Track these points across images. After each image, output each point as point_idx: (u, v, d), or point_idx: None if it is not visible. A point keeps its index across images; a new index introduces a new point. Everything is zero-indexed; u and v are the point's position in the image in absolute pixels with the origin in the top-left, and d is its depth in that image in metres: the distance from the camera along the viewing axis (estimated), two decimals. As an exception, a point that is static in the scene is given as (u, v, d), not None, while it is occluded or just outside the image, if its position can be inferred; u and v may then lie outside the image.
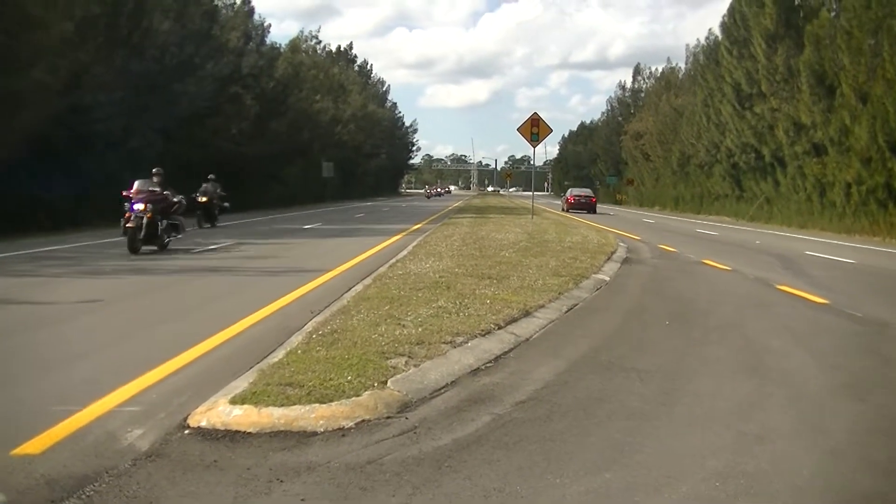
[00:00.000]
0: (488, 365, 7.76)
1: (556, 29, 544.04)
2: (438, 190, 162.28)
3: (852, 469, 5.29)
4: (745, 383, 7.41)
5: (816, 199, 42.35)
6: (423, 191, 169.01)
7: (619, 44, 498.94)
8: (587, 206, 59.05)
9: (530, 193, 51.67)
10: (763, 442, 5.70)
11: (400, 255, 17.51)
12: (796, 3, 45.69)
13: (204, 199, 29.98)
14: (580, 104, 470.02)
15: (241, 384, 6.51)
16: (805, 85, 41.47)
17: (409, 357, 7.38)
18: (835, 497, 4.92)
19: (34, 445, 5.35)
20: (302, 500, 4.60)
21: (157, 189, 19.65)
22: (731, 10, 52.24)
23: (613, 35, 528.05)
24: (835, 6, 42.10)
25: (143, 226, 18.55)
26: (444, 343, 8.00)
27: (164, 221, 19.35)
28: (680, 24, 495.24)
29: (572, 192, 57.62)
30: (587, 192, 63.89)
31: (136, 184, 19.82)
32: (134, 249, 18.31)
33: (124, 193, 19.58)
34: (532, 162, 43.70)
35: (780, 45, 45.08)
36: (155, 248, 19.08)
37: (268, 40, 62.87)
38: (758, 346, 9.33)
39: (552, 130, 35.99)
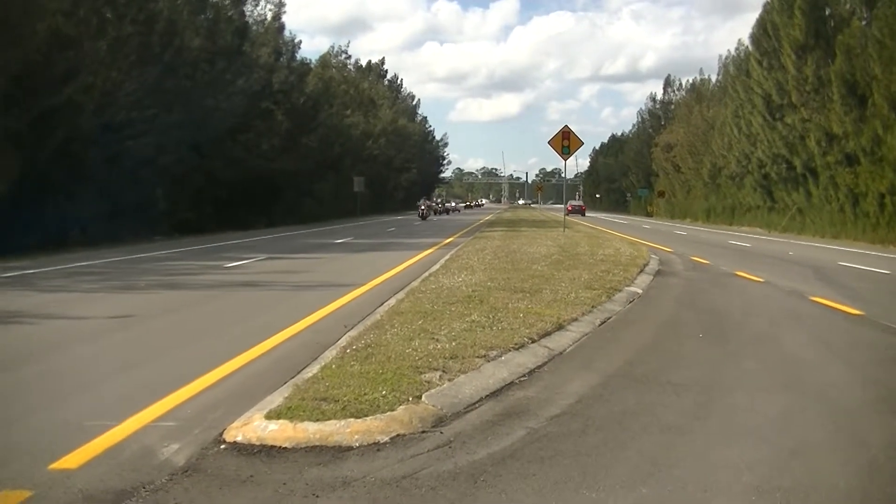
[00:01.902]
0: (522, 379, 7.75)
1: (587, 42, 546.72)
2: (454, 204, 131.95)
3: (890, 482, 5.25)
4: (781, 396, 7.36)
5: (849, 209, 42.05)
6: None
7: (651, 56, 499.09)
8: (580, 212, 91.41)
9: (561, 206, 54.85)
10: (799, 456, 5.67)
11: (432, 269, 17.52)
12: (826, 13, 45.43)
13: None
14: (611, 116, 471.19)
15: (276, 399, 6.54)
16: (836, 95, 41.21)
17: (444, 371, 7.38)
18: (872, 511, 4.90)
19: (71, 460, 5.40)
20: (338, 514, 4.62)
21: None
22: (761, 21, 52.02)
23: (645, 47, 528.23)
24: (866, 15, 41.82)
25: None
26: (477, 357, 7.99)
27: None
28: (711, 35, 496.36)
29: (570, 203, 76.88)
30: (580, 203, 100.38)
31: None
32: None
33: None
34: (563, 175, 43.65)
35: (809, 55, 44.83)
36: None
37: (298, 56, 63.15)
38: (793, 359, 9.27)
39: (583, 143, 36.08)
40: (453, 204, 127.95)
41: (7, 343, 9.98)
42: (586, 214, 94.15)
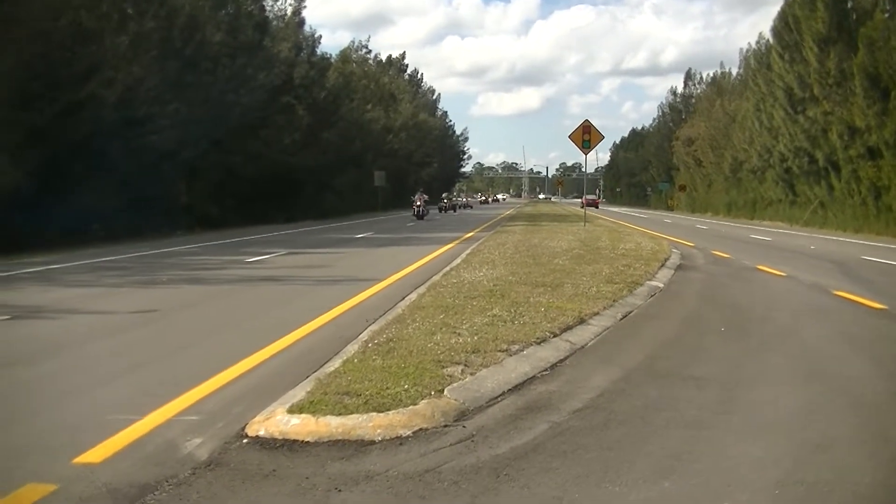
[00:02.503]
0: (544, 373, 7.73)
1: (608, 36, 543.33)
2: (466, 199, 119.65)
3: (915, 477, 5.22)
4: (804, 391, 7.33)
5: (872, 203, 41.75)
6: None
7: (672, 50, 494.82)
8: (593, 204, 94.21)
9: (580, 200, 55.72)
10: (823, 450, 5.63)
11: (453, 264, 17.51)
12: (848, 5, 45.08)
13: None
14: (632, 111, 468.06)
15: (298, 393, 6.55)
16: (859, 88, 40.85)
17: (466, 365, 7.37)
18: (898, 506, 4.87)
19: (95, 454, 5.43)
20: (360, 509, 4.62)
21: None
22: (783, 14, 51.59)
23: (666, 41, 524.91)
24: (888, 8, 41.49)
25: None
26: (499, 351, 7.99)
27: None
28: (732, 29, 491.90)
29: (585, 197, 73.14)
30: (593, 196, 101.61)
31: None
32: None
33: None
34: (584, 169, 43.49)
35: (832, 48, 44.45)
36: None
37: (319, 51, 63.27)
38: (816, 354, 9.22)
39: (604, 137, 35.84)
40: (464, 199, 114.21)
41: (31, 338, 10.02)
42: (599, 207, 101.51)
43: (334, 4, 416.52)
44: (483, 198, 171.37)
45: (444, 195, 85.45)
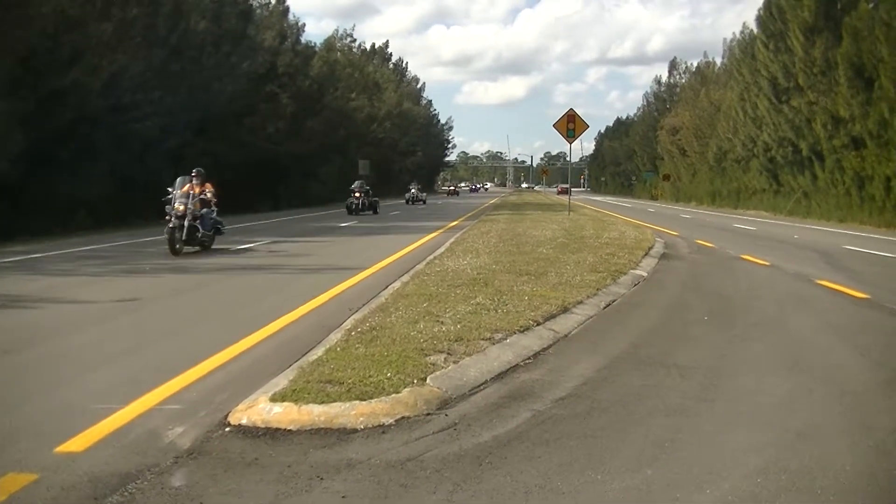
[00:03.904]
0: (527, 361, 7.74)
1: (594, 24, 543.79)
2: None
3: (897, 465, 5.24)
4: (787, 380, 7.34)
5: (855, 193, 41.87)
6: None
7: (658, 39, 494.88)
8: (567, 192, 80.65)
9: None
10: (806, 439, 5.65)
11: (437, 252, 17.51)
12: (835, -6, 45.15)
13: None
14: (617, 100, 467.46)
15: (281, 382, 6.53)
16: (843, 78, 40.91)
17: (449, 354, 7.37)
18: (879, 494, 4.86)
19: (77, 443, 5.42)
20: (343, 497, 4.61)
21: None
22: (768, 4, 51.58)
23: (652, 30, 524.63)
24: (874, -3, 41.57)
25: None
26: (482, 340, 7.99)
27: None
28: (718, 18, 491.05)
29: (559, 185, 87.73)
30: (567, 185, 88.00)
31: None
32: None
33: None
34: (568, 158, 43.52)
35: (818, 37, 44.46)
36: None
37: (303, 39, 63.28)
38: (799, 342, 9.25)
39: (588, 126, 35.93)
40: (412, 191, 68.48)
41: (13, 327, 9.98)
42: (571, 193, 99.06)
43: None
44: (450, 187, 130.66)
45: (355, 183, 46.00)
